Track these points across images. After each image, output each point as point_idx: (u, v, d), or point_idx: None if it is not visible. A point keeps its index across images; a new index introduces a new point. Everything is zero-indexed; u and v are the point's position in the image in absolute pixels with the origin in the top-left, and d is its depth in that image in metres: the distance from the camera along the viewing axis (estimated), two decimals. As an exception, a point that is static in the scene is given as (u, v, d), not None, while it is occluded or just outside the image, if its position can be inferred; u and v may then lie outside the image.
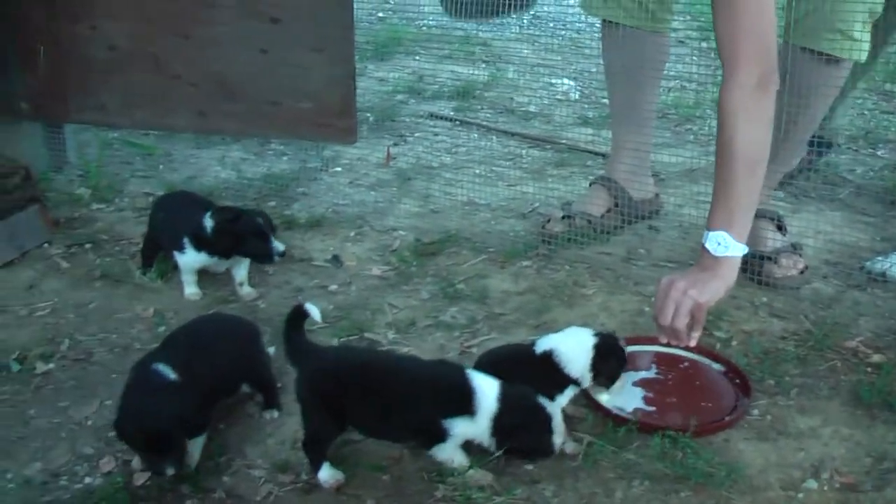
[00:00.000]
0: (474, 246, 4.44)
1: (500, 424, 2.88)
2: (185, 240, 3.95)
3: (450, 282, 4.13)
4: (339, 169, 5.37)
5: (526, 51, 7.70)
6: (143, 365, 3.07)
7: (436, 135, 5.95)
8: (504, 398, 2.89)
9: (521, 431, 2.90)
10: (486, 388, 2.89)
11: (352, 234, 4.59)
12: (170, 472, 2.88)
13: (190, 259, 3.99)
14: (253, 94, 4.59)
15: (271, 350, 3.50)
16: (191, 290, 4.06)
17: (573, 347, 3.14)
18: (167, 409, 2.89)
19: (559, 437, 2.95)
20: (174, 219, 4.08)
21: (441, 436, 2.88)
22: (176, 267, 4.11)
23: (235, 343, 3.28)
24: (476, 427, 2.88)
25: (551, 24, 8.33)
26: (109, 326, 3.90)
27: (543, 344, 3.18)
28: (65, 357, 3.71)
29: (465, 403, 2.87)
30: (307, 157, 5.49)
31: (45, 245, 4.54)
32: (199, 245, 3.94)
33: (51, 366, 3.65)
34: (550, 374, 3.11)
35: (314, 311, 3.04)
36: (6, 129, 4.99)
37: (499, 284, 4.13)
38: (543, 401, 2.96)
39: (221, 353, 3.18)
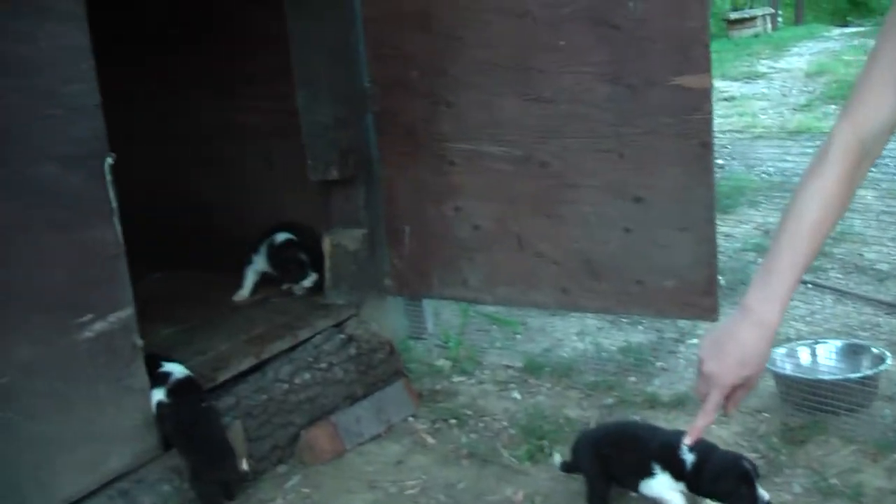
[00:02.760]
0: (843, 433, 4.21)
1: None
2: (656, 467, 3.66)
3: (822, 475, 3.92)
4: (694, 341, 5.26)
5: (869, 197, 7.46)
6: None
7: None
8: None
9: None
10: None
11: (716, 414, 4.44)
12: None
13: (668, 493, 3.68)
14: (616, 273, 4.58)
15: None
16: None
17: None
18: None
19: None
20: (639, 452, 3.74)
21: None
22: (550, 453, 4.12)
23: None
24: None
25: (892, 166, 8.07)
26: (480, 509, 3.93)
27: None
28: (438, 541, 3.76)
29: None
30: (662, 326, 5.43)
31: (410, 419, 4.67)
32: (678, 476, 3.64)
33: (423, 550, 3.71)
34: None
35: None
36: (372, 305, 5.20)
37: (872, 480, 3.88)
38: None
39: None
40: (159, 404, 3.99)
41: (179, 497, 3.91)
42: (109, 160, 3.74)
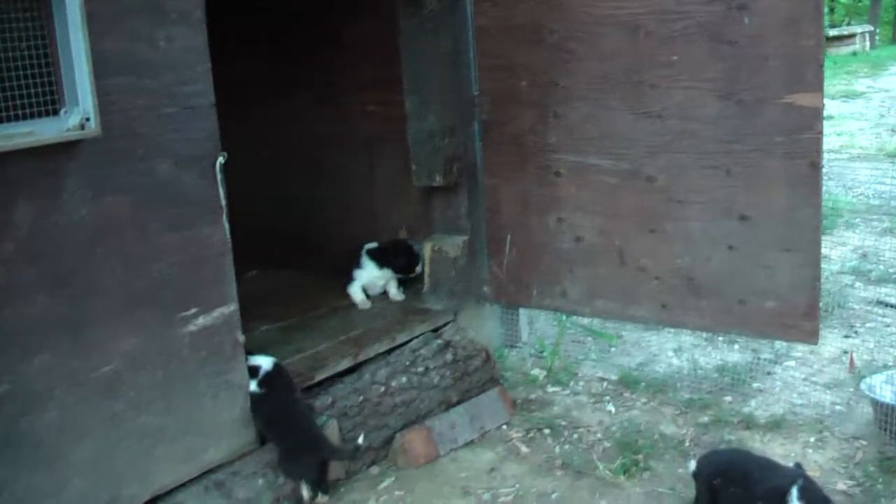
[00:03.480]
0: (940, 466, 4.13)
1: None
2: None
3: (921, 505, 3.85)
4: (791, 363, 5.19)
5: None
6: None
7: (886, 325, 5.67)
8: None
9: None
10: None
11: (812, 439, 4.40)
12: None
13: None
14: (718, 291, 4.55)
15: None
16: None
17: None
18: None
19: None
20: (747, 491, 3.61)
21: None
22: (646, 468, 4.12)
23: None
24: None
25: None
26: (573, 520, 3.92)
27: None
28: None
29: None
30: (759, 346, 5.36)
31: (504, 427, 4.67)
32: None
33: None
34: None
35: None
36: (469, 312, 5.23)
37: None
38: None
39: None
40: (250, 395, 4.06)
41: (273, 491, 3.96)
42: (221, 159, 3.80)
